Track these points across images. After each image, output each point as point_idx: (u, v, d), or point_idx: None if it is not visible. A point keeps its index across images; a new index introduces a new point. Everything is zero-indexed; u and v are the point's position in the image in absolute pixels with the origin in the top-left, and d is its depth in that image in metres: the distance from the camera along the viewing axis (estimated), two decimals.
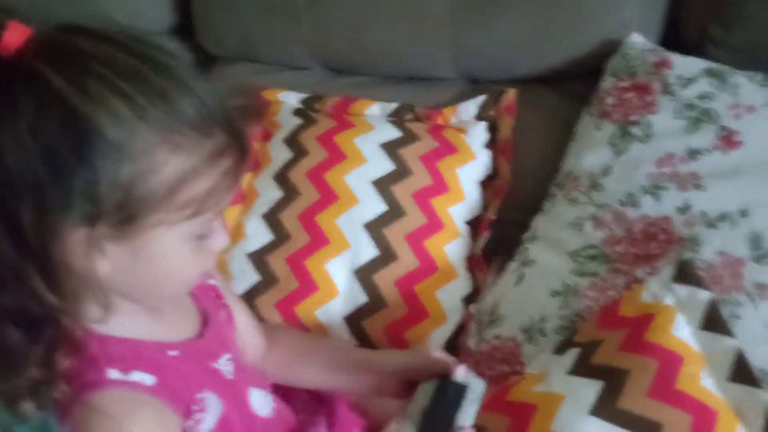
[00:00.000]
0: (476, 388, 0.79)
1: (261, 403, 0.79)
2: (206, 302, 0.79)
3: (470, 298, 1.13)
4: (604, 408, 0.80)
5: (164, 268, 0.63)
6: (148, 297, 0.67)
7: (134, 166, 0.56)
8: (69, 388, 0.63)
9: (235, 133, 0.61)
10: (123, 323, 0.66)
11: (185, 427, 0.68)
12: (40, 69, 0.55)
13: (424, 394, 0.79)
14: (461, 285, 1.13)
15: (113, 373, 0.63)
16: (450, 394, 0.77)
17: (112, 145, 0.55)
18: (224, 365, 0.75)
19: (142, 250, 0.60)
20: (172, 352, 0.69)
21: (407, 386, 0.83)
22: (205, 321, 0.77)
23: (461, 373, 0.79)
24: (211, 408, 0.70)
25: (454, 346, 1.10)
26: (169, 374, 0.66)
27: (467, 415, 0.77)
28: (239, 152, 0.61)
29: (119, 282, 0.62)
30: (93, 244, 0.58)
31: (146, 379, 0.65)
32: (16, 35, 0.56)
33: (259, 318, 1.08)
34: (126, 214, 0.57)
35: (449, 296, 1.12)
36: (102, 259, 0.59)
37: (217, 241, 0.66)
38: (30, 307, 0.59)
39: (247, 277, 1.13)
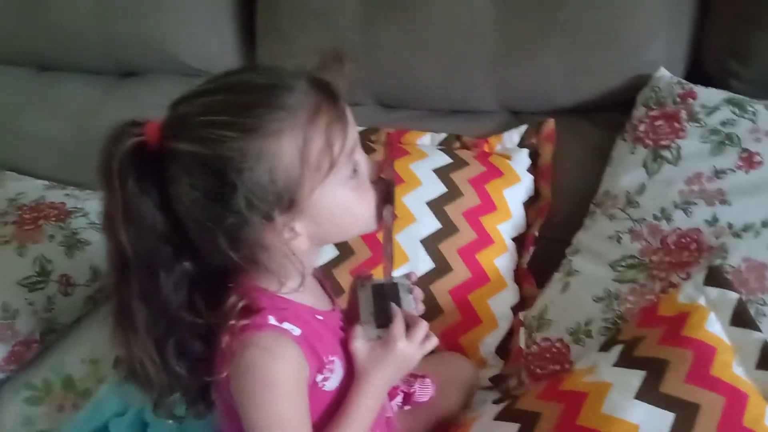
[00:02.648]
0: (404, 281, 0.93)
1: None
2: (326, 286, 0.94)
3: (518, 307, 1.24)
4: (647, 393, 0.88)
5: (343, 214, 0.78)
6: (345, 237, 0.86)
7: (264, 166, 0.70)
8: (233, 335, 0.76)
9: (319, 89, 0.73)
10: (290, 289, 0.80)
11: (314, 380, 0.81)
12: (174, 145, 0.71)
13: (365, 301, 0.91)
14: (510, 295, 1.25)
15: (271, 320, 0.77)
16: (388, 292, 0.90)
17: (240, 161, 0.69)
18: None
19: (317, 214, 0.75)
20: (319, 317, 0.84)
21: None
22: (332, 301, 0.92)
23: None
24: (337, 371, 0.84)
25: (505, 349, 1.21)
26: (312, 332, 0.80)
27: (408, 302, 0.90)
28: (331, 101, 0.73)
29: (318, 241, 0.79)
30: (282, 231, 0.73)
31: (294, 329, 0.78)
32: (153, 132, 0.72)
33: None
34: (287, 200, 0.72)
35: (500, 304, 1.23)
36: (296, 238, 0.75)
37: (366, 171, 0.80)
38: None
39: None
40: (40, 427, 1.24)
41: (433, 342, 0.88)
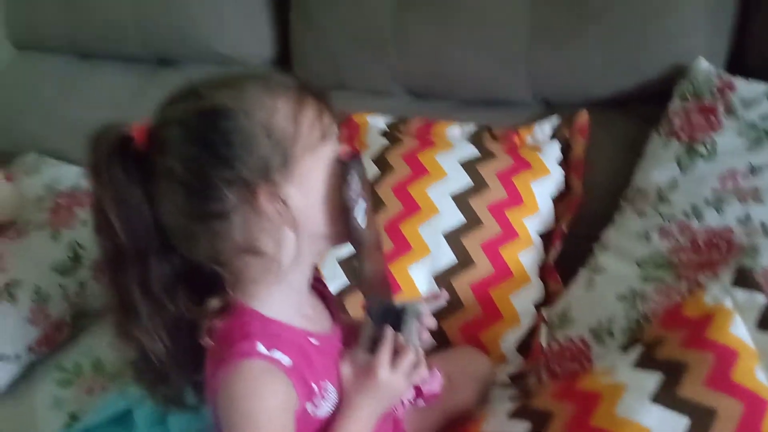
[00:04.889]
0: (413, 309, 0.88)
1: None
2: (331, 304, 0.91)
3: (543, 304, 1.21)
4: (663, 396, 0.85)
5: (328, 194, 0.76)
6: (330, 227, 0.78)
7: (258, 118, 0.72)
8: (221, 349, 0.76)
9: (308, 87, 0.77)
10: (285, 311, 0.79)
11: (304, 409, 0.78)
12: (163, 133, 0.74)
13: (369, 323, 0.86)
14: (534, 291, 1.22)
15: (260, 347, 0.74)
16: (390, 319, 0.86)
17: (235, 106, 0.72)
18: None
19: (305, 182, 0.75)
20: (314, 341, 0.81)
21: None
22: (333, 319, 0.89)
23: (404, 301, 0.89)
24: (330, 397, 0.81)
25: (527, 346, 1.18)
26: (303, 360, 0.77)
27: (409, 329, 0.85)
28: (316, 98, 0.77)
29: (300, 223, 0.75)
30: (276, 196, 0.73)
31: (284, 359, 0.75)
32: (140, 131, 0.74)
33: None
34: (281, 156, 0.73)
35: (522, 301, 1.20)
36: (286, 210, 0.73)
37: None
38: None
39: (338, 279, 1.25)
40: (69, 408, 1.27)
41: (422, 373, 0.85)
